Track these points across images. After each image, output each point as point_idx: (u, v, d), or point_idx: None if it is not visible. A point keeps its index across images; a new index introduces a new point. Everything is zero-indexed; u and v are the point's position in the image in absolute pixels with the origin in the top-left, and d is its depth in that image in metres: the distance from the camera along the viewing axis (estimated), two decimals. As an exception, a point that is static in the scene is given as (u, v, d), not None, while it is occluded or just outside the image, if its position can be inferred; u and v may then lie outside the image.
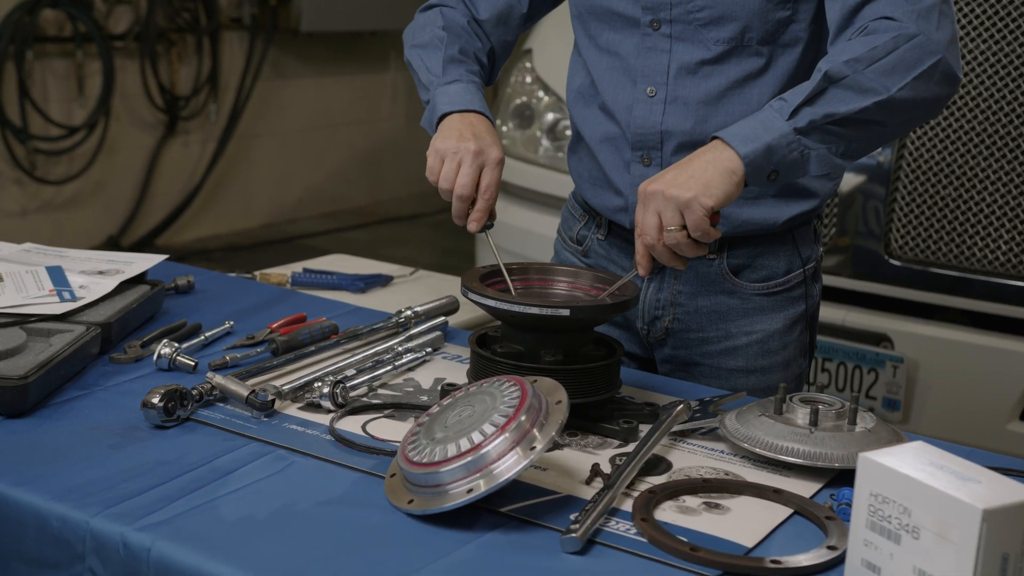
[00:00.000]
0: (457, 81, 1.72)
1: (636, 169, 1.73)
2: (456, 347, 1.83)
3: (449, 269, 3.79)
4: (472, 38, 1.80)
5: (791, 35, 1.65)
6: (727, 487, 1.34)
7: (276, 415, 1.51)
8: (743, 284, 1.75)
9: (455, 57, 1.74)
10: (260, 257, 5.78)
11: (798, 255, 1.77)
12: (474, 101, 1.69)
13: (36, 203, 5.43)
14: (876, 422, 1.43)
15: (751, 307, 1.76)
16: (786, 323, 1.78)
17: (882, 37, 1.48)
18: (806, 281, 1.79)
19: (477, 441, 1.24)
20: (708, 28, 1.64)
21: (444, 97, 1.70)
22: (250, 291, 2.09)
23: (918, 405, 2.85)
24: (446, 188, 1.62)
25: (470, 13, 1.82)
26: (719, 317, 1.77)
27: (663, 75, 1.68)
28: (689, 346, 1.80)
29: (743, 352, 1.77)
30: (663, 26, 1.67)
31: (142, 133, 5.86)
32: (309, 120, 6.70)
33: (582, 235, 1.87)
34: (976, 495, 1.05)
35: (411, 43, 1.81)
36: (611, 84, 1.74)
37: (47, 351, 1.57)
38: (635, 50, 1.70)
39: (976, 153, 2.78)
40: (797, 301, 1.78)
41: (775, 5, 1.62)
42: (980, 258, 2.80)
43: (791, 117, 1.47)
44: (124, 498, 1.26)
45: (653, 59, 1.69)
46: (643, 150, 1.72)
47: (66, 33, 5.34)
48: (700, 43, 1.65)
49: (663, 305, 1.78)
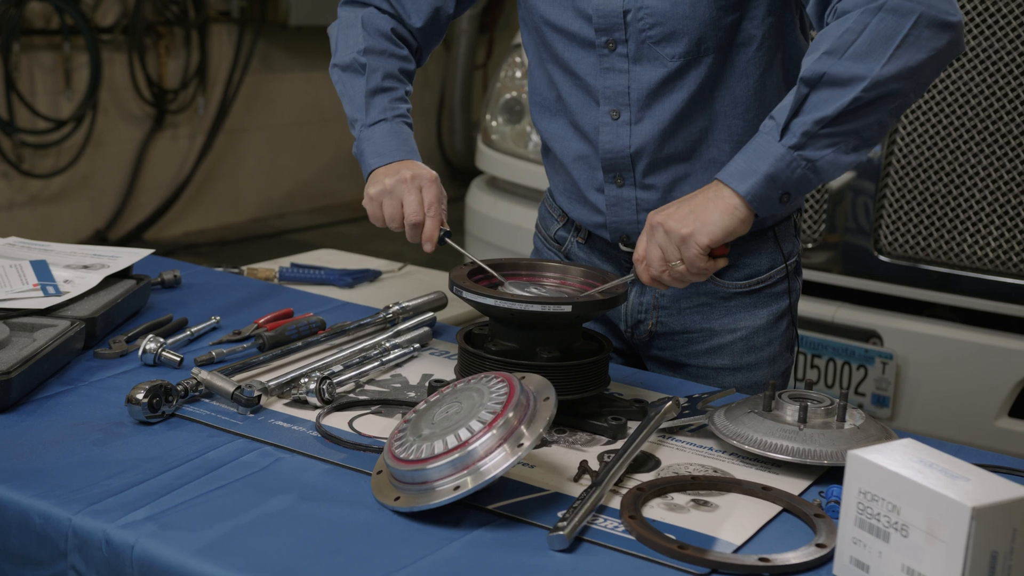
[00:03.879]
0: (382, 121, 1.71)
1: (610, 190, 1.71)
2: (444, 343, 1.82)
3: (439, 265, 3.77)
4: (396, 48, 1.77)
5: (745, 34, 1.61)
6: (716, 484, 1.34)
7: (262, 411, 1.50)
8: (725, 283, 1.74)
9: (379, 87, 1.73)
10: (249, 251, 5.76)
11: (780, 251, 1.76)
12: (400, 149, 1.69)
13: (23, 197, 5.40)
14: (865, 419, 1.43)
15: (734, 305, 1.75)
16: (770, 319, 1.77)
17: (851, 18, 1.42)
18: (788, 276, 1.78)
19: (464, 438, 1.23)
20: (662, 45, 1.60)
21: (370, 146, 1.70)
22: (237, 286, 2.08)
23: (907, 401, 2.86)
24: (395, 225, 1.63)
25: (397, 19, 1.79)
26: (702, 317, 1.76)
27: (624, 96, 1.65)
28: (674, 347, 1.79)
29: (728, 350, 1.77)
30: (619, 46, 1.63)
31: (130, 127, 5.83)
32: (298, 114, 6.68)
33: (560, 236, 1.85)
34: (965, 493, 1.04)
35: (334, 59, 1.80)
36: (577, 102, 1.70)
37: (31, 346, 1.55)
38: (593, 71, 1.66)
39: (966, 150, 2.77)
40: (780, 296, 1.78)
41: (723, 11, 1.58)
42: (969, 254, 2.80)
43: (783, 136, 1.44)
44: (107, 495, 1.25)
45: (612, 80, 1.65)
46: (615, 171, 1.70)
47: (53, 25, 5.31)
48: (657, 60, 1.62)
49: (646, 308, 1.77)
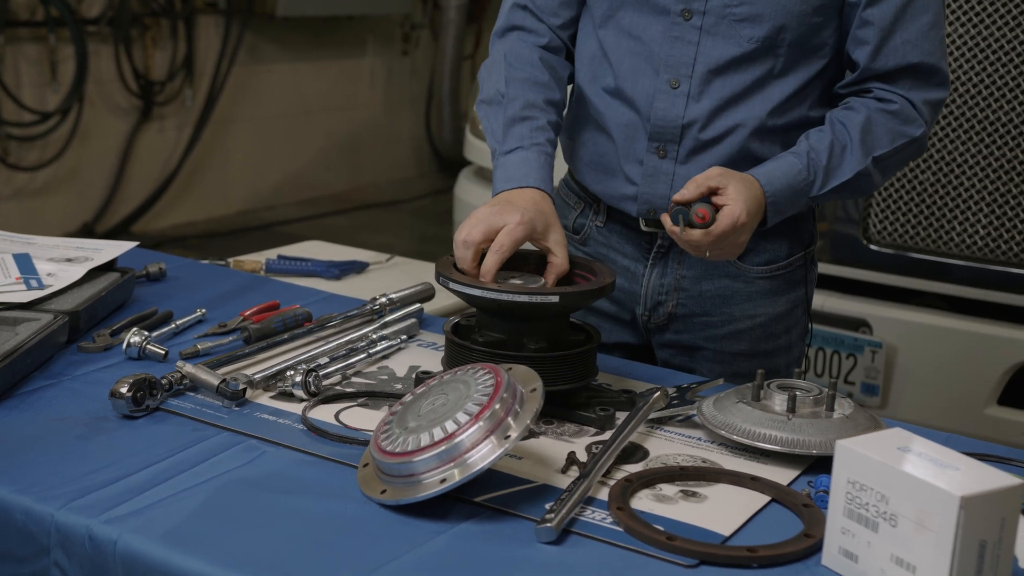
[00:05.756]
0: (519, 149, 1.62)
1: (650, 160, 1.69)
2: (431, 334, 1.81)
3: (427, 256, 3.76)
4: (539, 75, 1.70)
5: (819, 40, 1.64)
6: (704, 475, 1.33)
7: (247, 404, 1.49)
8: (747, 268, 1.74)
9: (518, 117, 1.65)
10: (237, 244, 5.74)
11: (799, 238, 1.77)
12: (530, 175, 1.59)
13: (9, 190, 5.37)
14: (854, 408, 1.42)
15: (755, 290, 1.76)
16: (788, 306, 1.78)
17: (906, 135, 1.65)
18: (806, 264, 1.80)
19: (451, 430, 1.23)
20: (743, 24, 1.61)
21: (502, 171, 1.62)
22: (223, 278, 2.07)
23: (897, 390, 2.86)
24: (458, 239, 1.51)
25: (544, 27, 1.74)
26: (723, 301, 1.76)
27: (688, 67, 1.64)
28: (692, 330, 1.78)
29: (747, 336, 1.77)
30: (694, 17, 1.63)
31: (117, 119, 5.80)
32: (286, 106, 6.65)
33: (579, 223, 1.83)
34: (954, 482, 1.04)
35: (480, 95, 1.73)
36: (630, 69, 1.68)
37: (13, 340, 1.54)
38: (660, 38, 1.65)
39: (955, 138, 2.77)
40: (798, 284, 1.79)
41: (813, 10, 1.61)
42: (958, 243, 2.80)
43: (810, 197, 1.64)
44: (90, 490, 1.24)
45: (679, 50, 1.64)
46: (660, 142, 1.68)
47: (38, 17, 5.27)
48: (732, 38, 1.62)
49: (667, 290, 1.76)
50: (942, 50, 1.66)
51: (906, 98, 1.65)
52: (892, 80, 1.65)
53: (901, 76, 1.65)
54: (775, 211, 1.61)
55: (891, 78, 1.65)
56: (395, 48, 7.23)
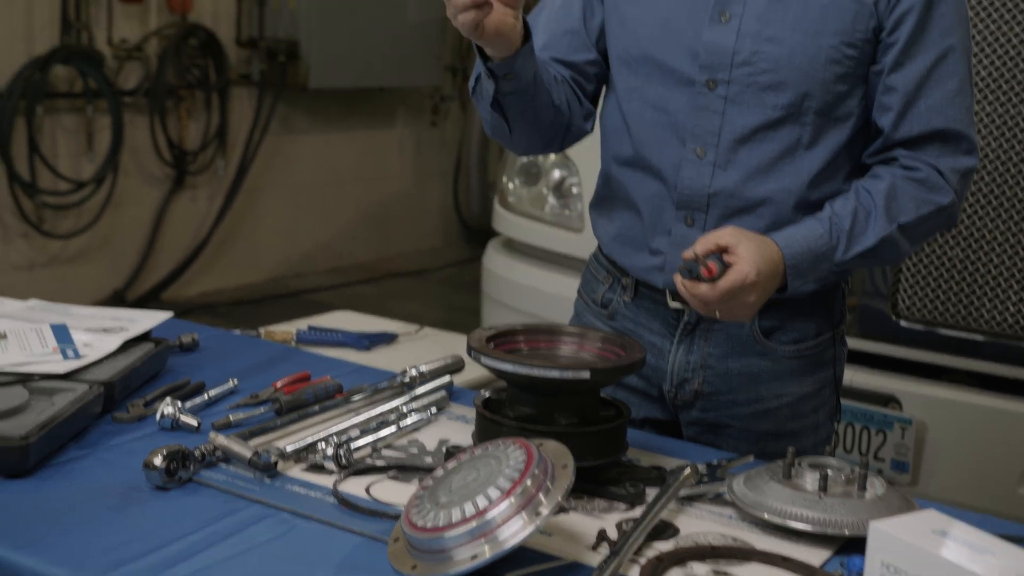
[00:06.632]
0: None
1: (678, 229, 1.70)
2: (461, 407, 1.82)
3: (455, 325, 3.78)
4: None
5: (846, 109, 1.65)
6: (735, 554, 1.32)
7: (279, 476, 1.50)
8: (774, 346, 1.73)
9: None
10: (265, 312, 5.78)
11: (828, 317, 1.76)
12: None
13: (43, 257, 5.44)
14: (886, 488, 1.41)
15: (782, 369, 1.74)
16: (816, 386, 1.76)
17: (933, 202, 1.63)
18: (835, 343, 1.78)
19: (482, 506, 1.23)
20: (767, 92, 1.62)
21: None
22: (255, 349, 2.09)
23: (927, 467, 2.82)
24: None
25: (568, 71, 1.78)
26: (750, 380, 1.74)
27: (714, 136, 1.65)
28: (718, 408, 1.77)
29: (774, 415, 1.75)
30: (719, 86, 1.64)
31: (150, 187, 5.89)
32: (317, 175, 6.73)
33: (607, 298, 1.82)
34: (990, 568, 1.03)
35: None
36: (656, 140, 1.70)
37: (49, 410, 1.55)
38: (686, 108, 1.66)
39: (984, 213, 2.77)
40: (826, 364, 1.77)
41: (837, 78, 1.62)
42: (988, 319, 2.79)
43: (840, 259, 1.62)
44: (124, 562, 1.24)
45: (705, 119, 1.65)
46: (688, 210, 1.69)
47: (77, 89, 5.39)
48: (757, 106, 1.63)
49: (693, 368, 1.75)
50: (969, 117, 1.66)
51: (933, 166, 1.64)
52: (917, 147, 1.64)
53: (926, 143, 1.64)
54: (795, 274, 1.60)
55: (916, 145, 1.64)
56: (424, 119, 7.33)
